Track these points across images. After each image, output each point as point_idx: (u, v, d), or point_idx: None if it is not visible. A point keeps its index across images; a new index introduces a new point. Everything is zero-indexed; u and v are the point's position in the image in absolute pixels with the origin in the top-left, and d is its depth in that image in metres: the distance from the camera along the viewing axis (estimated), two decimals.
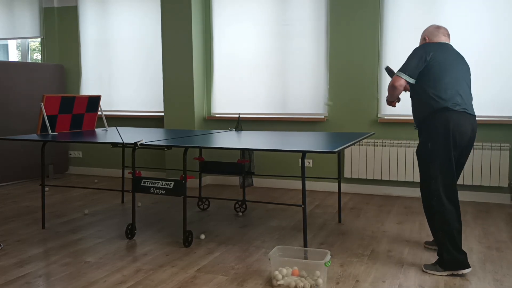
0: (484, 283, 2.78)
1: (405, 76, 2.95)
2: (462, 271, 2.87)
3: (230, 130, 4.56)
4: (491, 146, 4.64)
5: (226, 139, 3.74)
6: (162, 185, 3.44)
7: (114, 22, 6.33)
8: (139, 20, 6.18)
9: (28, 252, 3.36)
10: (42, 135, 4.01)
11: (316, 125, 5.36)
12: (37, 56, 8.35)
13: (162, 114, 6.03)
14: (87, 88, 6.56)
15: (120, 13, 6.28)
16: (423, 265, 3.00)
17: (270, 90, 5.56)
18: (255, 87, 5.62)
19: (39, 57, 7.55)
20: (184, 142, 3.54)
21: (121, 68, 6.33)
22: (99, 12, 6.39)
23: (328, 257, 2.74)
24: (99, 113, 5.68)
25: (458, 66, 3.00)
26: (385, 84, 5.06)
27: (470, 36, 4.70)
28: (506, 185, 4.66)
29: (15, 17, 6.81)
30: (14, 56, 8.95)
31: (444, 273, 2.89)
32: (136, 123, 6.29)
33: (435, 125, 2.91)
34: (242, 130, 4.57)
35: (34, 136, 3.96)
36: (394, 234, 3.74)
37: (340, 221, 4.11)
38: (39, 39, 6.93)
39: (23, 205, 4.78)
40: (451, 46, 3.07)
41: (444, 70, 2.93)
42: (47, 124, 4.12)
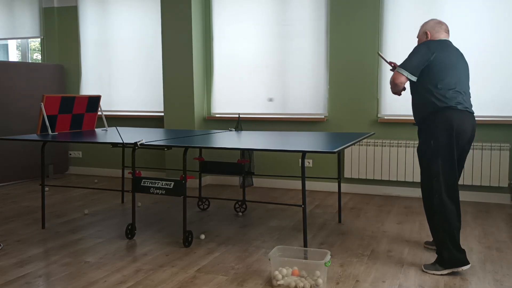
0: (484, 283, 2.78)
1: (407, 73, 2.95)
2: (462, 268, 2.88)
3: (230, 130, 4.56)
4: (491, 146, 4.64)
5: (226, 139, 3.74)
6: (162, 185, 3.44)
7: (114, 22, 6.33)
8: (139, 20, 6.18)
9: (28, 252, 3.36)
10: (42, 135, 4.01)
11: (316, 125, 5.36)
12: (37, 56, 8.36)
13: (162, 114, 6.03)
14: (87, 88, 6.56)
15: (120, 13, 6.28)
16: (423, 265, 3.00)
17: (270, 90, 5.56)
18: (255, 87, 5.62)
19: (39, 57, 7.55)
20: (184, 142, 3.54)
21: (121, 68, 6.33)
22: (99, 12, 6.39)
23: (328, 257, 2.74)
24: (99, 113, 5.68)
25: (460, 65, 3.01)
26: (385, 85, 5.06)
27: (470, 36, 4.71)
28: (506, 185, 4.66)
29: (15, 17, 6.81)
30: (14, 56, 8.95)
31: (445, 272, 2.89)
32: (136, 123, 6.29)
33: (438, 124, 2.91)
34: (242, 130, 4.57)
35: (34, 136, 3.96)
36: (394, 234, 3.74)
37: (340, 221, 4.11)
38: (39, 39, 6.93)
39: (23, 205, 4.78)
40: (452, 43, 3.07)
41: (447, 69, 2.93)
42: (47, 124, 4.12)
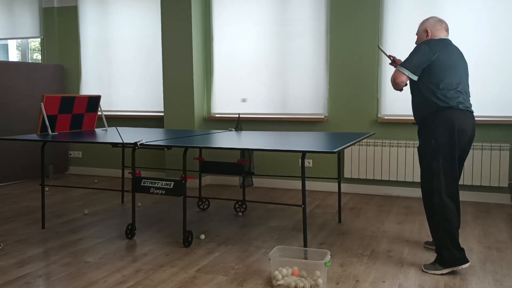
0: (484, 283, 2.78)
1: (408, 73, 2.94)
2: (462, 267, 2.88)
3: (230, 130, 4.56)
4: (491, 146, 4.64)
5: (226, 139, 3.74)
6: (162, 185, 3.44)
7: (114, 22, 6.33)
8: (139, 20, 6.18)
9: (28, 252, 3.36)
10: (42, 135, 4.01)
11: (316, 125, 5.36)
12: (37, 56, 8.35)
13: (162, 114, 6.03)
14: (87, 88, 6.56)
15: (120, 13, 6.28)
16: (423, 265, 3.00)
17: (270, 90, 5.56)
18: (255, 87, 5.62)
19: (39, 57, 7.55)
20: (184, 142, 3.54)
21: (121, 68, 6.33)
22: (99, 12, 6.39)
23: (328, 257, 2.74)
24: (99, 113, 5.68)
25: (460, 64, 3.01)
26: (385, 85, 5.06)
27: (470, 36, 4.71)
28: (506, 185, 4.66)
29: (15, 17, 6.81)
30: (14, 56, 8.95)
31: (445, 271, 2.90)
32: (136, 123, 6.29)
33: (439, 124, 2.91)
34: (242, 130, 4.57)
35: (34, 136, 3.96)
36: (394, 234, 3.74)
37: (340, 221, 4.11)
38: (39, 39, 6.93)
39: (23, 205, 4.78)
40: (451, 42, 3.08)
41: (448, 69, 2.93)
42: (47, 124, 4.12)
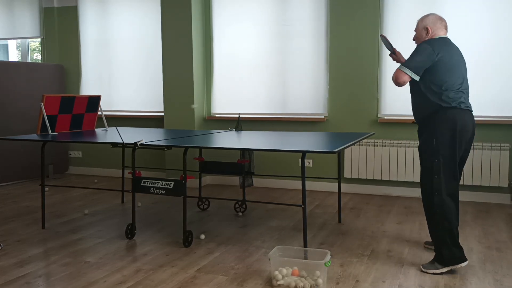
0: (484, 283, 2.78)
1: (410, 73, 2.94)
2: (461, 265, 2.90)
3: (230, 130, 4.56)
4: (491, 146, 4.64)
5: (226, 139, 3.74)
6: (162, 185, 3.44)
7: (114, 22, 6.33)
8: (139, 20, 6.18)
9: (28, 252, 3.36)
10: (42, 135, 4.01)
11: (316, 125, 5.36)
12: (37, 56, 8.35)
13: (162, 114, 6.03)
14: (87, 88, 6.56)
15: (120, 13, 6.28)
16: (421, 265, 3.00)
17: (270, 90, 5.56)
18: (255, 87, 5.62)
19: (39, 57, 7.55)
20: (184, 142, 3.54)
21: (121, 68, 6.33)
22: (99, 12, 6.39)
23: (328, 257, 2.74)
24: (99, 113, 5.67)
25: (461, 64, 3.02)
26: (385, 85, 5.06)
27: (470, 36, 4.70)
28: (506, 185, 4.66)
29: (15, 17, 6.81)
30: (14, 56, 8.95)
31: (444, 269, 2.90)
32: (136, 123, 6.29)
33: (440, 123, 2.92)
34: (242, 130, 4.57)
35: (34, 136, 3.96)
36: (394, 234, 3.74)
37: (340, 221, 4.11)
38: (39, 39, 6.93)
39: (23, 205, 4.78)
40: (451, 41, 3.08)
41: (450, 70, 2.94)
42: (47, 124, 4.12)
